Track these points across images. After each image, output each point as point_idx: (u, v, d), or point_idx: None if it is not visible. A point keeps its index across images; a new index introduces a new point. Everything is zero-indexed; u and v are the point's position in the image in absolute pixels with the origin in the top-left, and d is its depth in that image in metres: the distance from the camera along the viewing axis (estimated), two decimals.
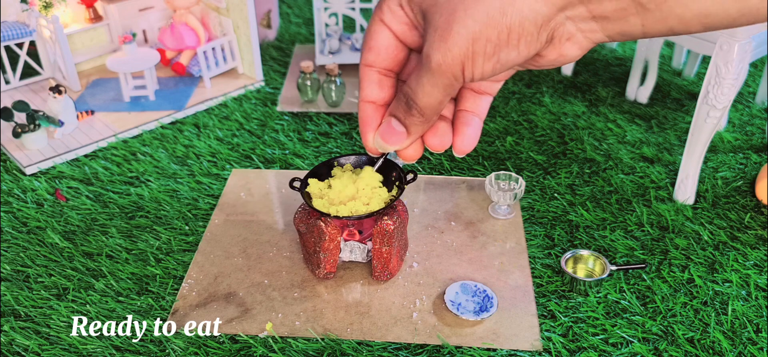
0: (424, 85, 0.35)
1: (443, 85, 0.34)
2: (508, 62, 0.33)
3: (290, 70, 1.91)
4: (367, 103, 0.40)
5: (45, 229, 1.26)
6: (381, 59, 0.38)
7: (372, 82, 0.39)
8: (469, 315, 1.05)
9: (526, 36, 0.32)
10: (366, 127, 0.40)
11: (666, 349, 1.01)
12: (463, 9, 0.32)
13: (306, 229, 1.10)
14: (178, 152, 1.51)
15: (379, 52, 0.38)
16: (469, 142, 0.40)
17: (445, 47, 0.33)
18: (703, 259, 1.19)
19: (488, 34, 0.32)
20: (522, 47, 0.32)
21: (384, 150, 0.40)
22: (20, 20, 1.75)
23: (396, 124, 0.38)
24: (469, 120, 0.40)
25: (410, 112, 0.37)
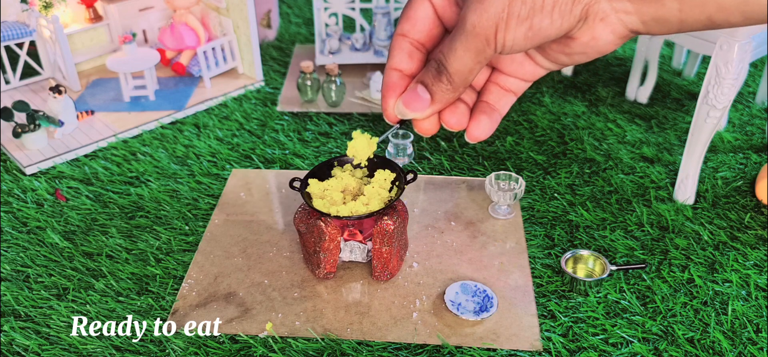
0: (457, 49, 0.35)
1: (476, 48, 0.35)
2: (541, 31, 0.33)
3: (290, 70, 1.91)
4: (393, 71, 0.40)
5: (45, 229, 1.26)
6: (416, 31, 0.39)
7: (403, 50, 0.39)
8: (469, 315, 1.05)
9: (563, 5, 0.32)
10: (389, 92, 0.40)
11: (666, 349, 1.01)
12: None
13: (306, 229, 1.10)
14: (178, 152, 1.51)
15: (415, 22, 0.39)
16: (484, 130, 0.40)
17: (481, 8, 0.33)
18: (703, 259, 1.19)
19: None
20: (555, 16, 0.33)
21: (404, 116, 0.40)
22: (20, 20, 1.75)
23: (421, 91, 0.39)
24: (488, 110, 0.41)
25: (439, 77, 0.37)
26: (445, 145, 1.55)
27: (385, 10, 1.84)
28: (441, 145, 1.54)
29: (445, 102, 0.39)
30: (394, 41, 0.40)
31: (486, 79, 0.41)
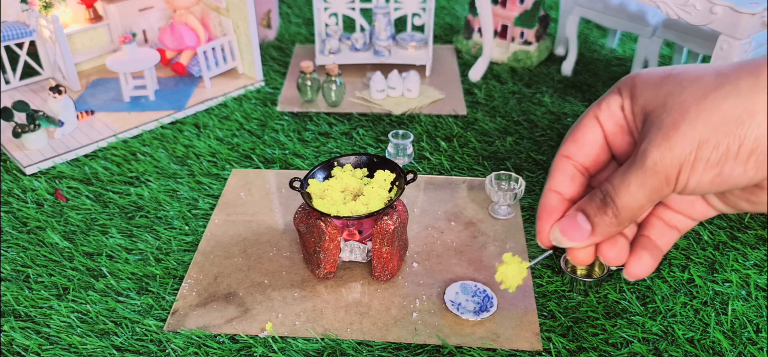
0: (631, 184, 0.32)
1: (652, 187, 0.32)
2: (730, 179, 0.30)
3: (290, 70, 1.91)
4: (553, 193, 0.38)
5: (45, 229, 1.26)
6: (583, 155, 0.37)
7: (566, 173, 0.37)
8: (469, 315, 1.05)
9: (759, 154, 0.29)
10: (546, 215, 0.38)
11: (666, 349, 1.01)
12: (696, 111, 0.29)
13: (306, 229, 1.10)
14: (178, 152, 1.51)
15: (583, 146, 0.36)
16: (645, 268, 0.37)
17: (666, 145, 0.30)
18: (703, 259, 1.19)
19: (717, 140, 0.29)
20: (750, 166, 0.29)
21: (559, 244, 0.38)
22: (20, 20, 1.75)
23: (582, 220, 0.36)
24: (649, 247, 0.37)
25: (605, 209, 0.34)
26: (445, 145, 1.55)
27: (385, 10, 1.84)
28: (441, 145, 1.54)
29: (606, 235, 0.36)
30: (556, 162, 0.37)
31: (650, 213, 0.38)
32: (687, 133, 0.30)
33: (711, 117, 0.29)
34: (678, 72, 0.32)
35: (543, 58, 1.98)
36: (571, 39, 1.88)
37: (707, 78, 0.30)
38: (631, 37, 2.17)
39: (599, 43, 2.12)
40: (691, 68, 0.31)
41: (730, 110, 0.29)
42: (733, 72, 0.29)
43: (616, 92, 0.35)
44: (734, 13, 1.16)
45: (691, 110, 0.30)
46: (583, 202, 0.36)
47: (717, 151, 0.29)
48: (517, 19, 1.92)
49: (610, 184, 0.34)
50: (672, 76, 0.32)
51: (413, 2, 1.88)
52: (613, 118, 0.35)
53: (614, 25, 1.82)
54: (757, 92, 0.28)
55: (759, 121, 0.28)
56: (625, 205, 0.33)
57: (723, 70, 0.30)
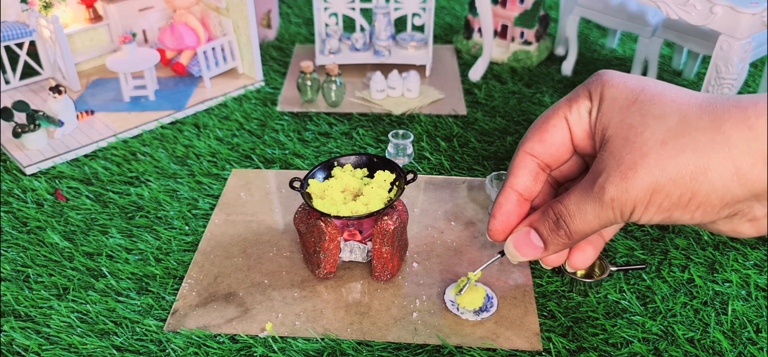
0: (587, 213, 0.34)
1: (606, 218, 0.33)
2: (677, 221, 0.32)
3: (290, 70, 1.91)
4: (512, 191, 0.38)
5: (45, 229, 1.26)
6: (548, 154, 0.37)
7: (528, 171, 0.38)
8: (469, 315, 1.05)
9: (707, 207, 0.30)
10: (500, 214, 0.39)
11: (666, 349, 1.01)
12: (655, 157, 0.30)
13: (306, 229, 1.10)
14: (178, 152, 1.51)
15: (550, 146, 0.37)
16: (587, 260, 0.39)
17: (623, 185, 0.31)
18: (703, 259, 1.19)
19: (670, 190, 0.30)
20: (697, 214, 0.31)
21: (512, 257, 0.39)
22: (20, 20, 1.75)
23: (535, 238, 0.37)
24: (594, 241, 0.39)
25: (557, 232, 0.36)
26: (445, 145, 1.55)
27: (385, 10, 1.84)
28: (441, 145, 1.54)
29: (557, 251, 0.37)
30: (518, 158, 0.37)
31: None
32: (644, 178, 0.30)
33: (667, 167, 0.30)
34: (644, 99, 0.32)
35: (543, 58, 1.98)
36: (571, 39, 1.88)
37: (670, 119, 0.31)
38: (631, 37, 2.17)
39: (599, 43, 2.12)
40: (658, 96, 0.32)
41: (685, 164, 0.30)
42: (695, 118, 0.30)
43: (586, 96, 0.35)
44: (734, 13, 1.16)
45: (650, 154, 0.30)
46: (536, 221, 0.37)
47: (669, 199, 0.30)
48: (517, 19, 1.92)
49: (565, 207, 0.35)
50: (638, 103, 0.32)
51: (413, 2, 1.88)
52: (582, 122, 0.35)
53: (614, 25, 1.82)
54: (713, 150, 0.29)
55: (711, 179, 0.29)
56: (578, 230, 0.35)
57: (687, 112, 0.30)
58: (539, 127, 0.37)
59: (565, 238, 0.36)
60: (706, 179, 0.29)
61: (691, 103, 0.31)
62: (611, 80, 0.34)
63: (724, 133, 0.29)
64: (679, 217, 0.31)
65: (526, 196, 0.38)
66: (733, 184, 0.29)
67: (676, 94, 0.32)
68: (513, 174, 0.38)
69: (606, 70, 0.35)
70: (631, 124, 0.32)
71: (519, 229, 0.38)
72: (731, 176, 0.29)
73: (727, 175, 0.29)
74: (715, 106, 0.30)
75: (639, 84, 0.33)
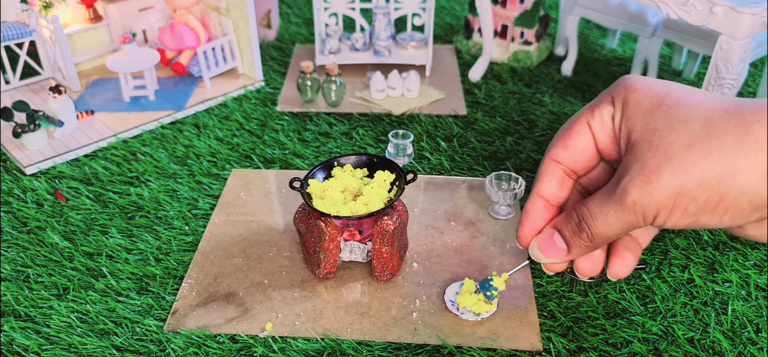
0: (608, 216, 0.33)
1: (628, 222, 0.32)
2: (705, 226, 0.31)
3: (290, 70, 1.91)
4: (539, 198, 0.38)
5: (45, 229, 1.26)
6: (572, 161, 0.37)
7: (554, 178, 0.37)
8: (469, 315, 1.05)
9: (736, 210, 0.30)
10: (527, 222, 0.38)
11: (666, 349, 1.01)
12: (679, 161, 0.30)
13: (306, 229, 1.10)
14: (178, 152, 1.51)
15: (573, 152, 0.36)
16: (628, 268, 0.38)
17: (647, 189, 0.31)
18: (703, 259, 1.19)
19: (696, 193, 0.29)
20: (726, 219, 0.30)
21: (537, 260, 0.39)
22: (20, 20, 1.75)
23: (558, 240, 0.37)
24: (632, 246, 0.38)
25: (580, 234, 0.35)
26: (445, 145, 1.55)
27: (385, 10, 1.84)
28: (441, 145, 1.54)
29: (581, 255, 0.37)
30: (544, 165, 0.37)
31: None
32: (668, 182, 0.30)
33: (692, 170, 0.29)
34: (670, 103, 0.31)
35: (543, 58, 1.98)
36: (571, 39, 1.88)
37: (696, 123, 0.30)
38: (631, 37, 2.17)
39: (599, 43, 2.12)
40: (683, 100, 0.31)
41: (712, 167, 0.29)
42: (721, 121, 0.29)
43: (608, 101, 0.35)
44: (734, 13, 1.16)
45: (675, 158, 0.30)
46: (560, 223, 0.37)
47: (695, 203, 0.30)
48: (517, 19, 1.92)
49: (588, 209, 0.34)
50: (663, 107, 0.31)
51: (413, 2, 1.88)
52: (605, 128, 0.35)
53: (614, 25, 1.82)
54: (741, 151, 0.28)
55: (739, 182, 0.29)
56: (600, 233, 0.34)
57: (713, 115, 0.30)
58: (563, 134, 0.37)
59: (588, 241, 0.35)
60: (734, 182, 0.29)
61: (716, 106, 0.30)
62: (635, 85, 0.34)
63: (752, 135, 0.28)
64: (707, 221, 0.30)
65: (553, 202, 0.38)
66: (763, 186, 0.28)
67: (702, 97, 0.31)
68: (539, 180, 0.38)
69: (630, 75, 0.35)
70: (656, 128, 0.31)
71: (544, 232, 0.38)
72: (760, 179, 0.28)
73: (756, 177, 0.28)
74: (742, 108, 0.29)
75: (664, 88, 0.32)
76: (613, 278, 0.39)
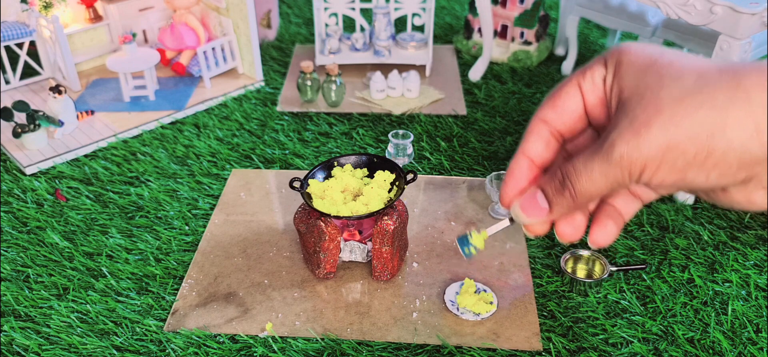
0: (593, 171, 0.33)
1: (614, 178, 0.32)
2: (692, 183, 0.31)
3: (290, 70, 1.91)
4: (524, 157, 0.38)
5: (45, 229, 1.26)
6: (561, 122, 0.37)
7: (540, 138, 0.37)
8: (469, 315, 1.05)
9: (724, 166, 0.29)
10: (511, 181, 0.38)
11: (666, 349, 1.01)
12: (669, 113, 0.29)
13: (306, 229, 1.10)
14: (178, 152, 1.51)
15: (562, 113, 0.36)
16: (609, 237, 0.38)
17: (635, 142, 0.30)
18: (703, 259, 1.19)
19: (686, 147, 0.29)
20: (713, 175, 0.30)
21: (518, 219, 0.39)
22: (20, 20, 1.75)
23: (541, 199, 0.37)
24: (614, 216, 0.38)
25: (563, 191, 0.35)
26: (445, 145, 1.55)
27: (385, 10, 1.84)
28: (441, 145, 1.54)
29: (563, 215, 0.37)
30: (532, 125, 0.37)
31: None
32: (658, 135, 0.30)
33: (683, 123, 0.29)
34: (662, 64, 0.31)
35: (543, 58, 1.98)
36: (571, 39, 1.88)
37: (688, 79, 0.30)
38: (631, 37, 2.17)
39: (599, 43, 2.12)
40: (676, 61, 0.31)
41: (702, 120, 0.29)
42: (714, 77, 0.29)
43: (601, 63, 0.35)
44: (734, 13, 1.16)
45: (665, 111, 0.30)
46: (544, 181, 0.37)
47: (684, 157, 0.30)
48: (517, 19, 1.92)
49: (573, 166, 0.34)
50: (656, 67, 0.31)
51: (413, 2, 1.88)
52: (596, 90, 0.35)
53: (614, 25, 1.82)
54: (733, 106, 0.28)
55: (729, 136, 0.28)
56: (583, 190, 0.34)
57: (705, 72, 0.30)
58: (553, 95, 0.37)
59: (570, 199, 0.35)
60: (724, 137, 0.29)
61: (710, 66, 0.31)
62: (629, 48, 0.34)
63: (744, 90, 0.28)
64: (694, 178, 0.30)
65: (537, 163, 0.38)
66: (753, 142, 0.28)
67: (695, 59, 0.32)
68: (526, 140, 0.38)
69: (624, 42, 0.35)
70: (647, 84, 0.31)
71: (528, 191, 0.38)
72: (751, 134, 0.28)
73: (747, 132, 0.28)
74: (735, 67, 0.30)
75: (657, 50, 0.33)
76: (594, 246, 0.39)
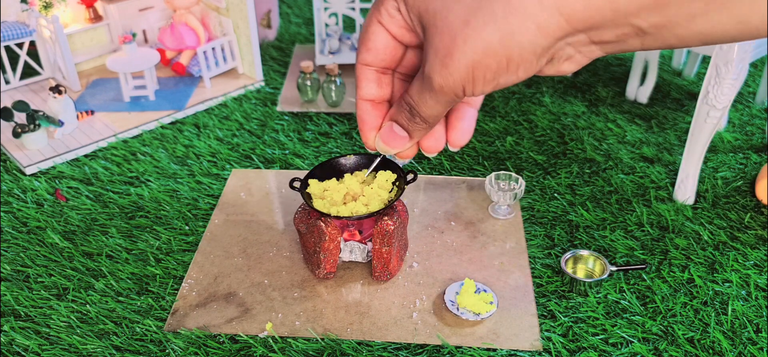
0: (427, 100, 0.36)
1: (445, 100, 0.35)
2: (507, 84, 0.34)
3: (290, 70, 1.91)
4: (365, 102, 0.40)
5: (45, 229, 1.26)
6: (379, 59, 0.39)
7: (370, 80, 0.40)
8: (469, 315, 1.05)
9: (525, 64, 0.32)
10: (365, 127, 0.41)
11: (666, 349, 1.01)
12: (462, 39, 0.32)
13: (306, 229, 1.10)
14: (178, 152, 1.51)
15: (377, 52, 0.38)
16: (464, 136, 0.41)
17: (446, 72, 0.34)
18: (703, 259, 1.19)
19: (487, 62, 0.32)
20: (520, 72, 0.33)
21: (385, 152, 0.41)
22: (20, 20, 1.75)
23: (398, 130, 0.39)
24: (463, 113, 0.41)
25: (413, 119, 0.38)
26: None
27: None
28: None
29: (422, 136, 0.40)
30: (358, 71, 0.40)
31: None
32: (460, 61, 0.33)
33: (476, 44, 0.32)
34: None
35: None
36: None
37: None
38: None
39: None
40: None
41: (491, 36, 0.31)
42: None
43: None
44: None
45: (458, 37, 0.32)
46: (394, 114, 0.39)
47: (489, 70, 0.33)
48: None
49: (411, 98, 0.37)
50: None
51: None
52: (395, 20, 0.37)
53: None
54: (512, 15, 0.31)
55: (519, 40, 0.31)
56: (428, 115, 0.37)
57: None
58: (363, 38, 0.39)
59: (423, 123, 0.38)
60: (515, 42, 0.31)
61: None
62: None
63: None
64: (506, 80, 0.33)
65: (378, 101, 0.41)
66: (539, 38, 0.31)
67: None
68: (358, 86, 0.40)
69: None
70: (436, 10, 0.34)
71: (383, 127, 0.40)
72: (535, 33, 0.31)
73: (531, 33, 0.31)
74: None
75: None
76: (454, 148, 0.42)
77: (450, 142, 0.41)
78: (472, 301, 1.04)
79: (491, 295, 1.07)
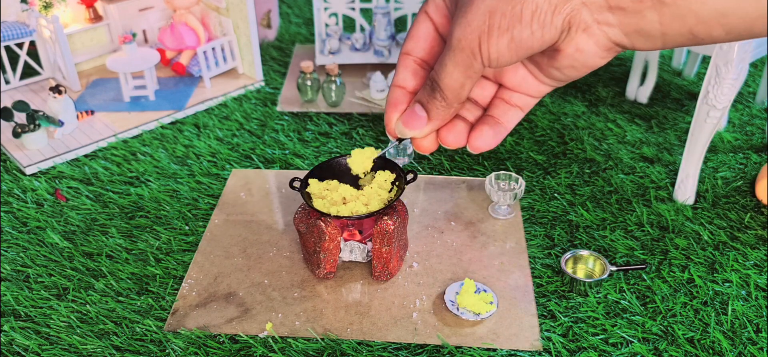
0: (446, 65, 0.37)
1: (463, 62, 0.36)
2: (522, 42, 0.34)
3: (290, 70, 1.91)
4: (397, 88, 0.41)
5: (45, 229, 1.26)
6: (419, 49, 0.40)
7: (407, 69, 0.41)
8: (469, 315, 1.05)
9: (540, 14, 0.33)
10: (391, 109, 0.42)
11: (666, 349, 1.01)
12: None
13: (306, 229, 1.10)
14: (178, 152, 1.51)
15: (418, 41, 0.40)
16: (486, 141, 0.41)
17: (465, 21, 0.35)
18: (703, 259, 1.19)
19: (504, 8, 0.33)
20: (535, 26, 0.33)
21: (403, 135, 0.42)
22: (20, 20, 1.75)
23: (419, 109, 0.40)
24: (491, 122, 0.41)
25: (433, 94, 0.39)
26: None
27: (385, 10, 1.84)
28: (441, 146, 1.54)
29: (441, 119, 0.40)
30: (399, 59, 0.41)
31: (493, 96, 0.42)
32: (479, 7, 0.34)
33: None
34: None
35: None
36: None
37: None
38: None
39: None
40: None
41: None
42: None
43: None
44: None
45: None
46: (419, 94, 0.40)
47: (505, 17, 0.33)
48: None
49: (434, 70, 0.38)
50: None
51: (413, 2, 1.88)
52: (439, 10, 0.39)
53: None
54: None
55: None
56: (447, 86, 0.37)
57: None
58: (410, 29, 0.41)
59: (442, 100, 0.39)
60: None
61: None
62: None
63: None
64: (521, 34, 0.34)
65: (410, 91, 0.42)
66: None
67: None
68: (396, 73, 0.42)
69: None
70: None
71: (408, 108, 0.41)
72: None
73: None
74: None
75: None
76: (473, 151, 0.42)
77: (470, 143, 0.42)
78: (472, 301, 1.04)
79: (491, 295, 1.07)
